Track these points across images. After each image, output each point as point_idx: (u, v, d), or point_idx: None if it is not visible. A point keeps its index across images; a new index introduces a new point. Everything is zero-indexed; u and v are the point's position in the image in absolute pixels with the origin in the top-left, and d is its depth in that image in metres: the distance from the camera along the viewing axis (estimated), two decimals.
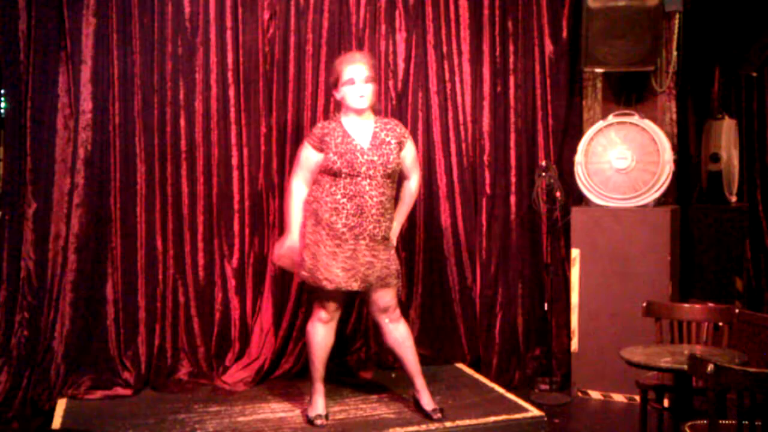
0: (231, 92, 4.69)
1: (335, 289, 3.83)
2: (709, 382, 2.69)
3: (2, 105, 4.61)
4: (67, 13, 4.39)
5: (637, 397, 3.88)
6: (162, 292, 4.59)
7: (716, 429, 2.76)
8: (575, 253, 4.82)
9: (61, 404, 4.23)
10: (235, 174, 4.72)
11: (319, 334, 3.95)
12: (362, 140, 3.88)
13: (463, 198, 5.12)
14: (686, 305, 3.92)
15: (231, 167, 4.72)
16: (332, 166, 3.82)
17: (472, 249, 5.12)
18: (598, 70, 4.92)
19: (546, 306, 4.99)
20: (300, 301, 4.74)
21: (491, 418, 3.99)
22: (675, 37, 4.90)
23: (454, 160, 5.11)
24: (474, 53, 5.12)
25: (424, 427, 3.87)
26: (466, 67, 5.12)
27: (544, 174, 4.90)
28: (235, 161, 4.72)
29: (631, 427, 4.02)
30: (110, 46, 4.48)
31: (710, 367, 2.64)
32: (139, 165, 4.55)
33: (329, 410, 4.01)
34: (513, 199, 5.10)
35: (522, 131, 5.13)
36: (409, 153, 4.04)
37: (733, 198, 5.57)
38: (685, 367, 2.90)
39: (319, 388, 3.99)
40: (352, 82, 3.86)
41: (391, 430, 3.82)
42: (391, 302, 3.96)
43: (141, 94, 4.53)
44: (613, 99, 5.10)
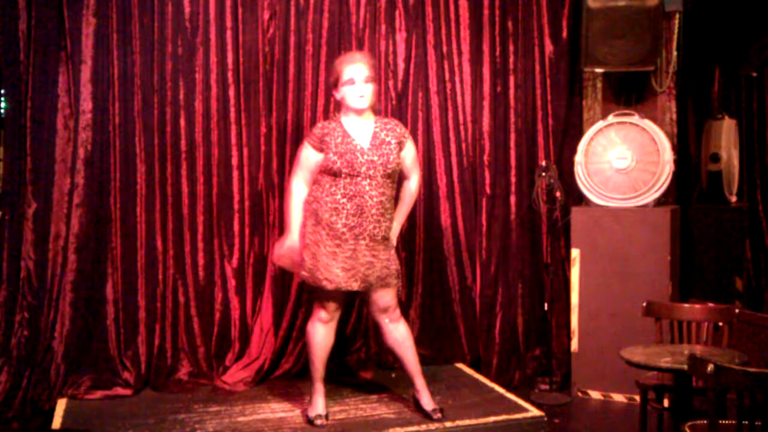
0: (231, 92, 4.69)
1: (335, 289, 3.83)
2: (709, 382, 2.69)
3: (2, 105, 4.61)
4: (67, 13, 4.39)
5: (637, 397, 3.87)
6: (162, 292, 4.60)
7: (716, 429, 2.75)
8: (575, 253, 4.82)
9: (61, 404, 4.23)
10: (235, 174, 4.72)
11: (319, 334, 3.95)
12: (362, 140, 3.88)
13: (463, 198, 5.12)
14: (686, 305, 3.92)
15: (231, 167, 4.72)
16: (332, 166, 3.82)
17: (472, 249, 5.12)
18: (598, 70, 4.92)
19: (546, 306, 4.99)
20: (300, 301, 4.74)
21: (491, 418, 3.99)
22: (675, 37, 4.90)
23: (454, 160, 5.11)
24: (474, 53, 5.12)
25: (424, 427, 3.87)
26: (466, 67, 5.12)
27: (544, 174, 4.90)
28: (235, 161, 4.72)
29: (631, 427, 4.01)
30: (110, 46, 4.48)
31: (710, 367, 2.64)
32: (139, 165, 4.55)
33: (329, 410, 4.01)
34: (513, 199, 5.10)
35: (522, 131, 5.13)
36: (409, 153, 4.04)
37: (733, 198, 5.57)
38: (685, 367, 2.90)
39: (319, 388, 3.99)
40: (352, 82, 3.86)
41: (391, 430, 3.82)
42: (391, 302, 3.96)
43: (141, 94, 4.53)
44: (613, 99, 5.10)
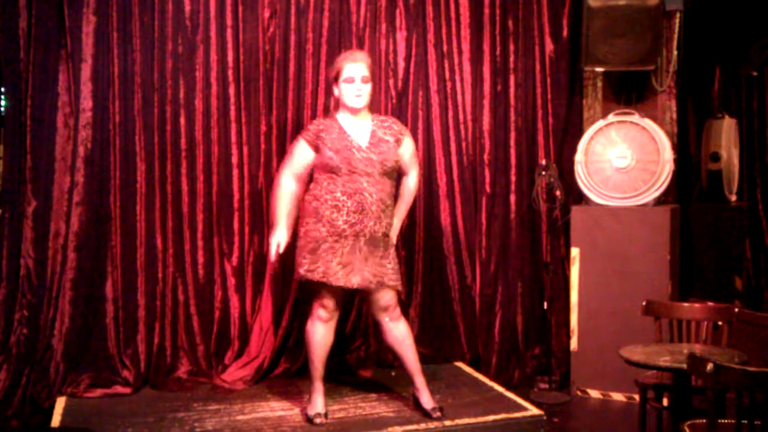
0: (231, 90, 4.69)
1: (335, 285, 3.83)
2: (709, 381, 2.69)
3: (2, 103, 4.61)
4: (68, 11, 4.39)
5: (637, 396, 3.87)
6: (162, 290, 4.60)
7: (715, 428, 2.75)
8: (575, 252, 4.82)
9: (61, 402, 4.22)
10: (235, 172, 4.72)
11: (319, 332, 3.95)
12: (360, 138, 3.89)
13: (463, 197, 5.12)
14: (686, 304, 3.92)
15: (231, 165, 4.72)
16: (329, 163, 3.82)
17: (471, 248, 5.12)
18: (599, 69, 4.91)
19: (545, 305, 4.99)
20: (300, 300, 4.74)
21: (490, 417, 3.99)
22: (675, 36, 4.90)
23: (454, 159, 5.11)
24: (474, 52, 5.12)
25: (423, 425, 3.87)
26: (467, 66, 5.12)
27: (544, 173, 4.90)
28: (235, 159, 4.72)
29: (631, 426, 4.02)
30: (110, 44, 4.47)
31: (710, 366, 2.64)
32: (139, 163, 4.55)
33: (329, 409, 4.01)
34: (513, 197, 5.10)
35: (522, 130, 5.13)
36: (408, 149, 4.04)
37: (733, 197, 5.57)
38: (685, 366, 2.90)
39: (319, 387, 3.99)
40: (351, 80, 3.87)
41: (390, 429, 3.82)
42: (390, 301, 3.96)
43: (141, 93, 4.53)
44: (613, 98, 5.10)
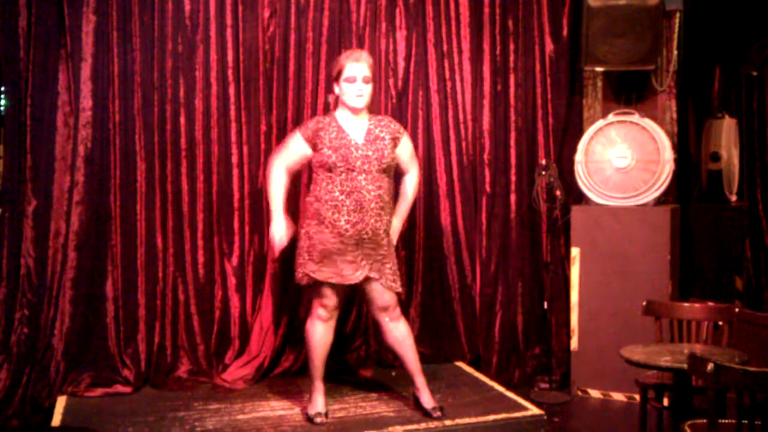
0: (231, 90, 4.69)
1: (336, 282, 3.84)
2: (709, 381, 2.69)
3: (2, 102, 4.60)
4: (68, 10, 4.39)
5: (637, 396, 3.88)
6: (162, 289, 4.59)
7: (716, 428, 2.75)
8: (575, 251, 4.82)
9: (61, 401, 4.22)
10: (235, 172, 4.71)
11: (318, 332, 3.95)
12: (357, 136, 3.91)
13: (463, 196, 5.12)
14: (686, 304, 3.92)
15: (231, 165, 4.71)
16: (327, 161, 3.83)
17: (472, 247, 5.12)
18: (599, 68, 4.91)
19: (546, 305, 4.99)
20: (300, 299, 4.74)
21: (491, 417, 3.99)
22: (675, 36, 4.90)
23: (454, 159, 5.10)
24: (474, 51, 5.12)
25: (423, 425, 3.87)
26: (467, 66, 5.12)
27: (544, 173, 4.90)
28: (235, 159, 4.72)
29: (631, 426, 4.02)
30: (110, 43, 4.47)
31: (710, 366, 2.64)
32: (139, 163, 4.55)
33: (329, 408, 4.01)
34: (513, 197, 5.10)
35: (522, 130, 5.13)
36: (406, 149, 4.06)
37: (733, 197, 5.57)
38: (685, 366, 2.90)
39: (319, 387, 3.99)
40: (353, 80, 3.88)
41: (391, 429, 3.82)
42: (390, 301, 3.95)
43: (141, 92, 4.53)
44: (613, 98, 5.10)
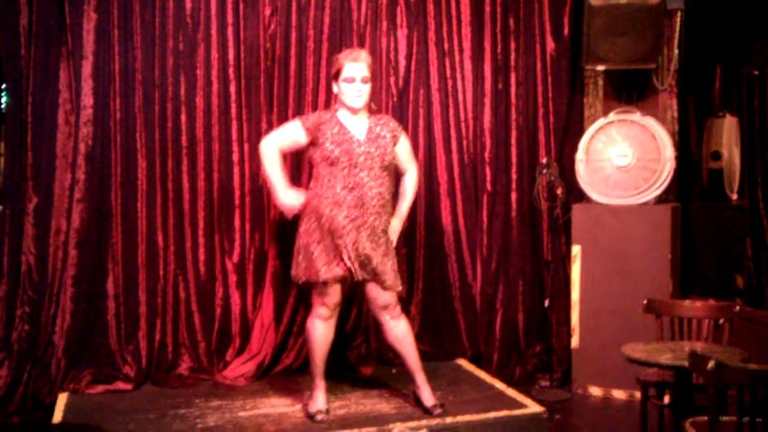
0: (232, 88, 4.69)
1: (336, 278, 3.85)
2: (710, 379, 2.69)
3: (3, 100, 4.61)
4: (68, 8, 4.39)
5: (638, 394, 3.88)
6: (163, 287, 4.60)
7: (717, 425, 2.75)
8: (576, 250, 4.82)
9: (62, 398, 4.23)
10: (235, 170, 4.72)
11: (319, 330, 3.95)
12: (358, 133, 3.92)
13: (463, 195, 5.12)
14: (687, 302, 3.92)
15: (232, 163, 4.72)
16: (330, 155, 3.84)
17: (472, 246, 5.12)
18: (600, 67, 4.91)
19: (546, 303, 4.99)
20: (301, 297, 4.74)
21: (492, 414, 3.99)
22: (676, 34, 4.89)
23: (455, 157, 5.11)
24: (475, 50, 5.12)
25: (424, 422, 3.86)
26: (468, 64, 5.12)
27: (545, 171, 4.90)
28: (236, 157, 4.72)
29: (632, 424, 4.02)
30: (111, 41, 4.48)
31: (711, 364, 2.64)
32: (140, 160, 4.55)
33: (330, 405, 4.01)
34: (514, 196, 5.11)
35: (523, 128, 5.14)
36: (404, 147, 4.08)
37: (734, 196, 5.57)
38: (686, 363, 2.90)
39: (320, 384, 3.99)
40: (351, 80, 3.89)
41: (391, 426, 3.82)
42: (390, 300, 3.96)
43: (142, 90, 4.53)
44: (614, 96, 5.10)
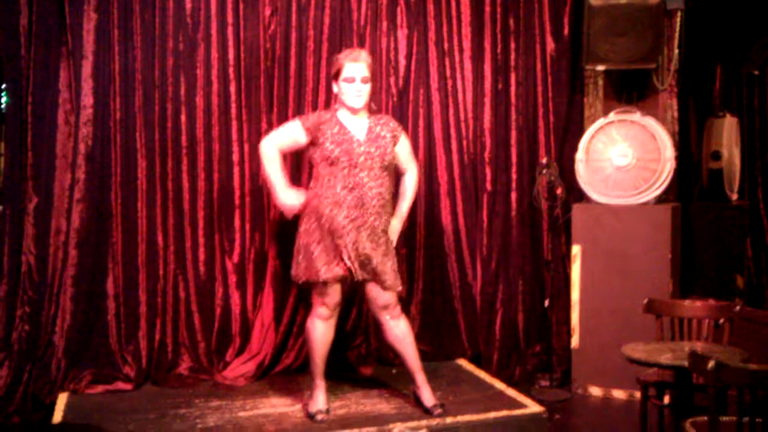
0: (232, 88, 4.69)
1: (336, 278, 3.85)
2: (710, 379, 2.68)
3: (3, 100, 4.61)
4: (68, 8, 4.39)
5: (638, 394, 3.88)
6: (163, 287, 4.60)
7: (717, 425, 2.75)
8: (576, 250, 4.82)
9: (62, 398, 4.23)
10: (235, 170, 4.72)
11: (319, 330, 3.95)
12: (358, 133, 3.93)
13: (463, 195, 5.12)
14: (687, 302, 3.92)
15: (232, 163, 4.72)
16: (330, 155, 3.84)
17: (472, 246, 5.12)
18: (600, 67, 4.91)
19: (546, 303, 4.99)
20: (301, 297, 4.74)
21: (492, 414, 3.99)
22: (676, 34, 4.89)
23: (455, 157, 5.11)
24: (475, 50, 5.12)
25: (424, 422, 3.86)
26: (468, 64, 5.12)
27: (545, 171, 4.90)
28: (236, 157, 4.72)
29: (632, 424, 4.02)
30: (111, 41, 4.48)
31: (711, 364, 2.64)
32: (140, 160, 4.55)
33: (330, 405, 4.01)
34: (514, 196, 5.11)
35: (523, 128, 5.14)
36: (404, 147, 4.08)
37: (734, 196, 5.57)
38: (686, 363, 2.90)
39: (320, 384, 3.99)
40: (351, 80, 3.89)
41: (391, 426, 3.82)
42: (390, 300, 3.96)
43: (142, 90, 4.53)
44: (614, 96, 5.10)
